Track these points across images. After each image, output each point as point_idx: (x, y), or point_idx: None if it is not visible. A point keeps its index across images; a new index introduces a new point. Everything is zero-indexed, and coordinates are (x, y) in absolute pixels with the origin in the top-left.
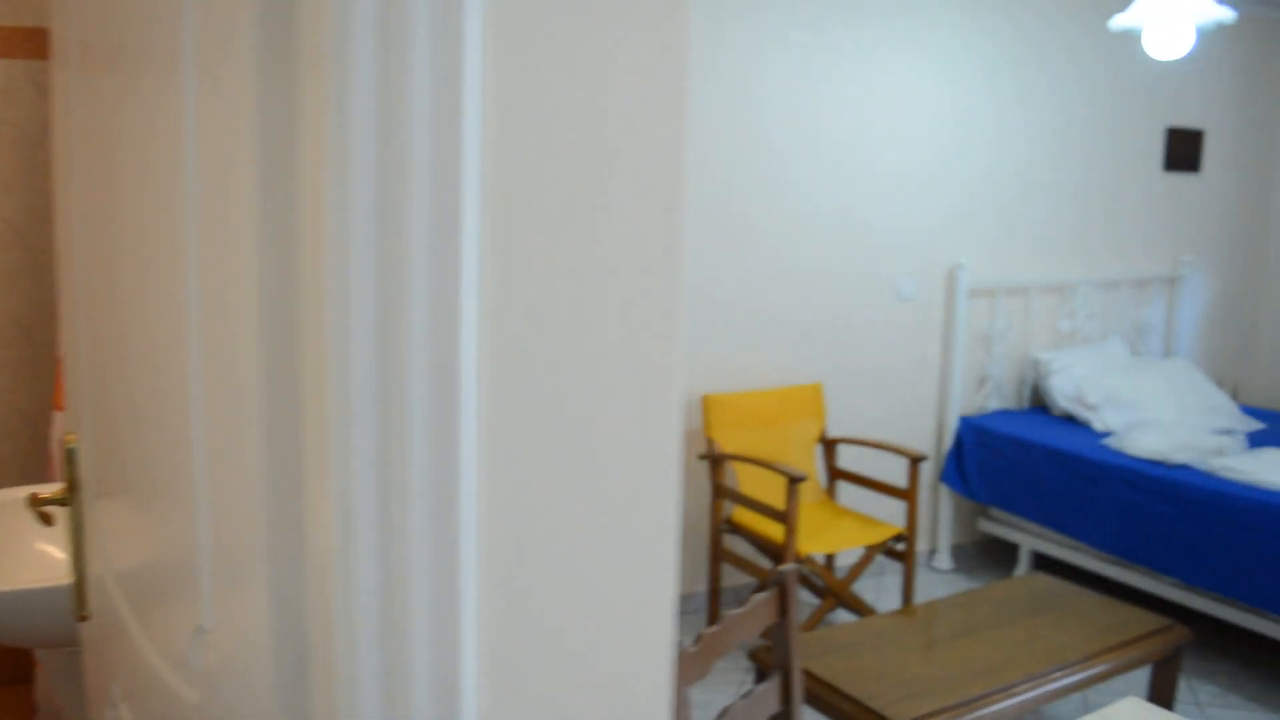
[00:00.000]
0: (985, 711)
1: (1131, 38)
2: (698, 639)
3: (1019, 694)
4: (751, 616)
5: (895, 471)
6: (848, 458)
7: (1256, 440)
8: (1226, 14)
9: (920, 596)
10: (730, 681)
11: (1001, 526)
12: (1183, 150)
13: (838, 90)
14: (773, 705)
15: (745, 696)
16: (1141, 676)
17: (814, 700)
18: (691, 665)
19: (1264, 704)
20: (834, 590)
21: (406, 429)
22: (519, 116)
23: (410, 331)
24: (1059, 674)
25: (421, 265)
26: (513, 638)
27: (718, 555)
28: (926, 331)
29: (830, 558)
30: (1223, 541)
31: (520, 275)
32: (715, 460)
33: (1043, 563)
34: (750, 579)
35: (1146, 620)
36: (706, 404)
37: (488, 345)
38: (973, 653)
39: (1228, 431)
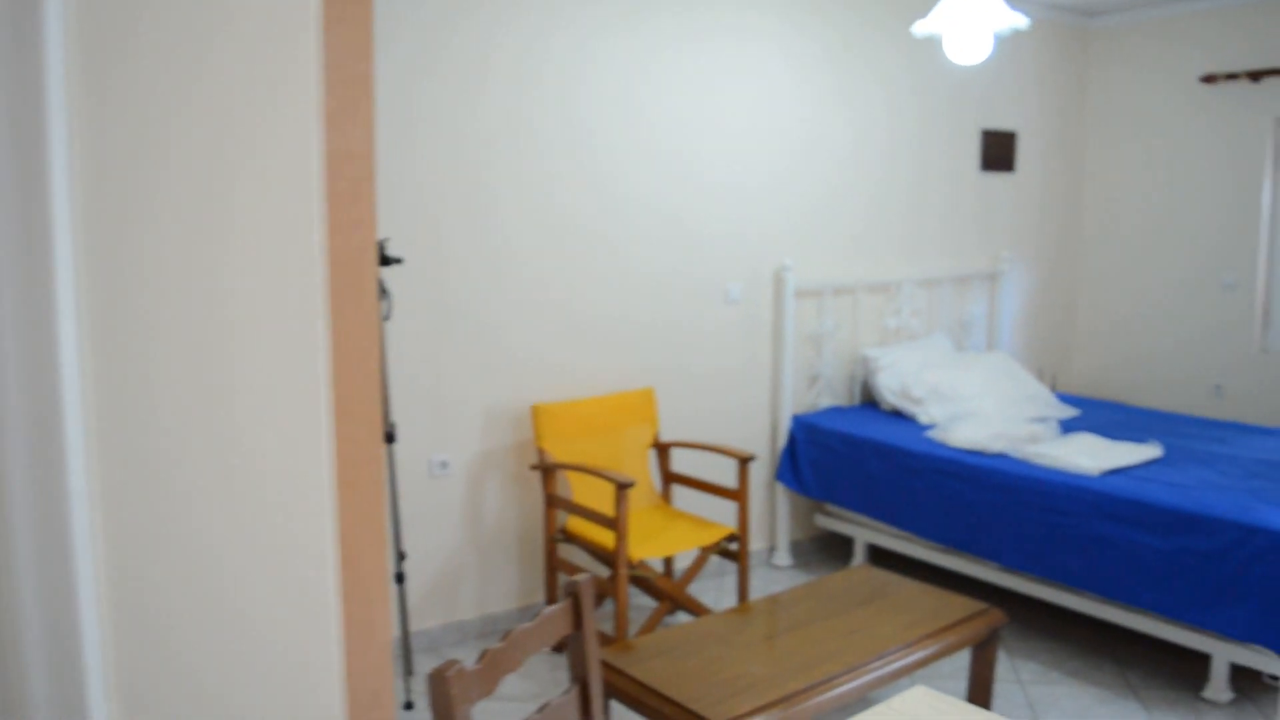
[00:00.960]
0: (804, 705)
1: (938, 43)
2: (481, 656)
3: (838, 686)
4: (541, 630)
5: (731, 473)
6: (684, 461)
7: (1070, 426)
8: (1022, 21)
9: (759, 594)
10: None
11: (837, 521)
12: (998, 151)
13: (664, 93)
14: (572, 717)
15: (541, 710)
16: (967, 659)
17: (638, 705)
18: (474, 684)
19: (1083, 678)
20: (669, 593)
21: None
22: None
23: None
24: (877, 664)
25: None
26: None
27: (553, 566)
28: (757, 333)
29: (669, 561)
30: (1037, 525)
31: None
32: (547, 470)
33: (877, 554)
34: None
35: (964, 606)
36: (536, 414)
37: (92, 352)
38: (798, 647)
39: (1042, 419)
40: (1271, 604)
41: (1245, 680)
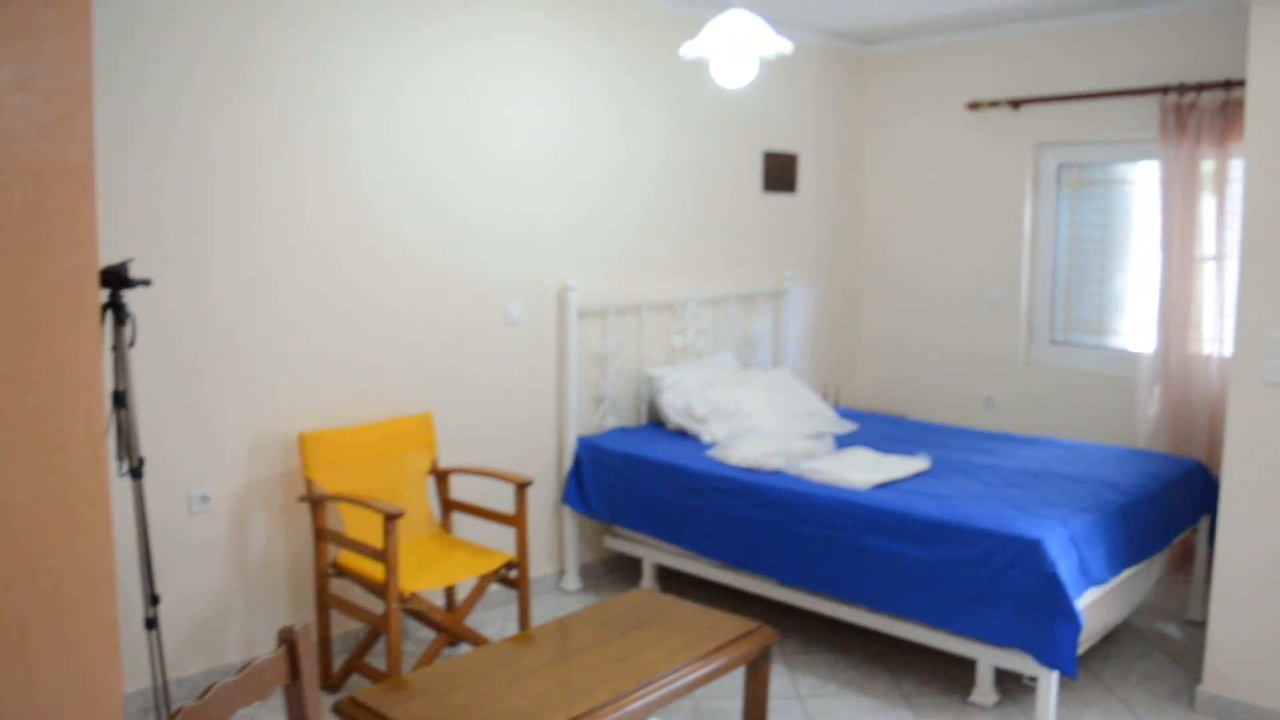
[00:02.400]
0: None
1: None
2: (175, 713)
3: (604, 715)
4: (249, 684)
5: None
6: (467, 487)
7: (848, 441)
8: (786, 46)
9: (546, 620)
10: None
11: (625, 542)
12: (780, 172)
13: (442, 114)
14: None
15: None
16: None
17: None
18: None
19: (858, 689)
20: (446, 626)
21: None
22: None
23: None
24: (646, 689)
25: None
26: None
27: (325, 602)
28: (540, 355)
29: (451, 591)
30: (810, 540)
31: None
32: (316, 502)
33: (666, 574)
34: (363, 624)
35: (736, 625)
36: (304, 443)
37: None
38: (568, 677)
39: (820, 435)
40: (1025, 609)
41: (1009, 683)
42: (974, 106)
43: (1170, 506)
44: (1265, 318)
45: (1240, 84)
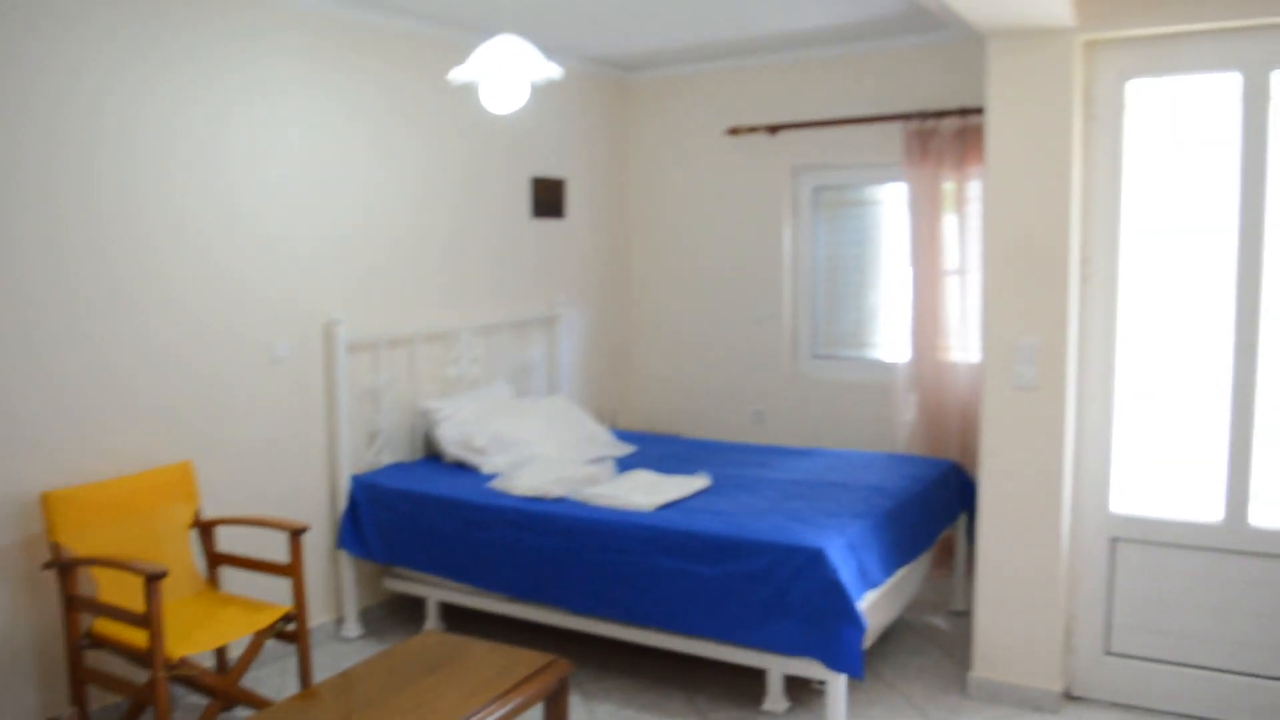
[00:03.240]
0: None
1: (475, 91)
2: None
3: None
4: None
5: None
6: (235, 539)
7: (628, 463)
8: (556, 71)
9: (328, 672)
10: None
11: (406, 583)
12: (548, 198)
13: (194, 142)
14: None
15: None
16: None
17: None
18: None
19: (655, 710)
20: (219, 689)
21: None
22: None
23: None
24: None
25: None
26: None
27: (80, 677)
28: (308, 392)
29: (222, 652)
30: (599, 566)
31: None
32: (64, 567)
33: (452, 613)
34: (125, 697)
35: (531, 660)
36: (48, 502)
37: None
38: None
39: (601, 459)
40: (811, 617)
41: (798, 688)
42: (734, 132)
43: (933, 506)
44: (1010, 327)
45: (975, 111)
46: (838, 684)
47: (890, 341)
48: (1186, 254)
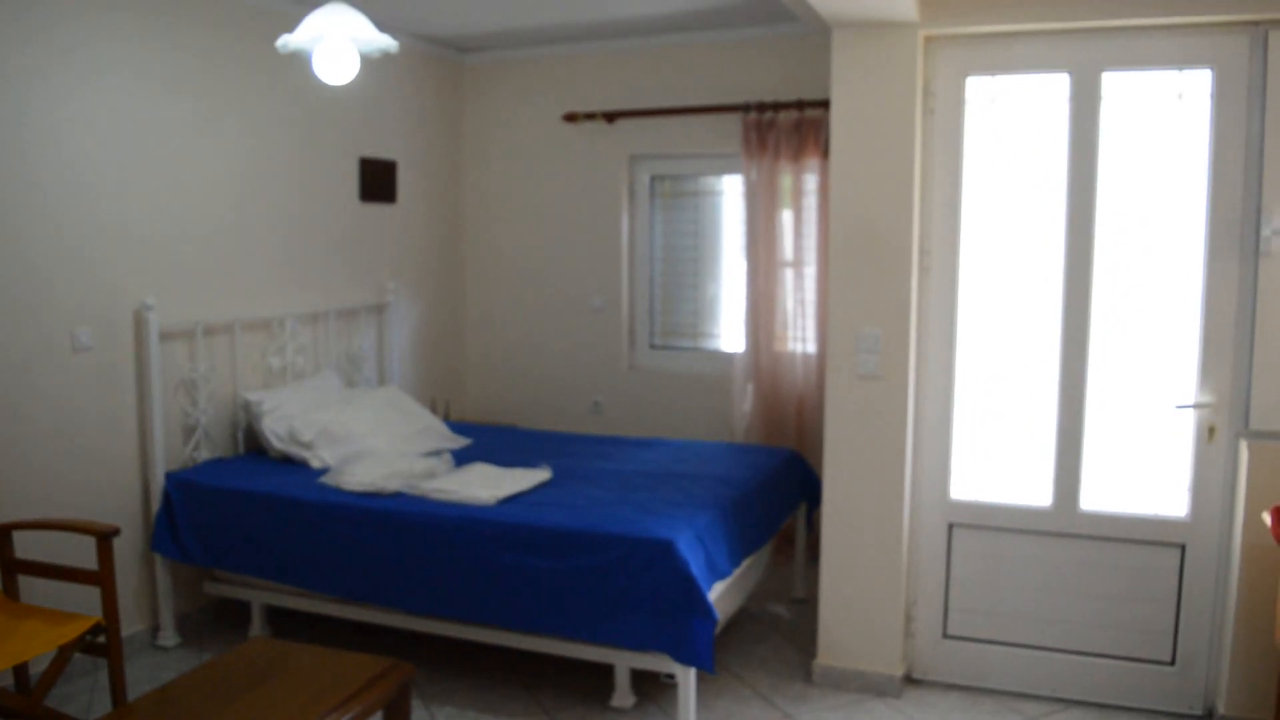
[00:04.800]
0: None
1: (309, 66)
2: None
3: None
4: None
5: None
6: (35, 545)
7: (465, 456)
8: (391, 43)
9: (146, 686)
10: None
11: (229, 586)
12: (378, 180)
13: None
14: None
15: None
16: None
17: None
18: None
19: (497, 710)
20: (21, 710)
21: None
22: None
23: None
24: None
25: None
26: None
27: None
28: (117, 384)
29: (22, 670)
30: (439, 563)
31: None
32: None
33: (280, 617)
34: None
35: (369, 665)
36: None
37: None
38: None
39: (437, 452)
40: (661, 611)
41: (646, 682)
42: (571, 118)
43: (776, 495)
44: (853, 316)
45: (813, 104)
46: (688, 677)
47: (728, 332)
48: (1023, 247)
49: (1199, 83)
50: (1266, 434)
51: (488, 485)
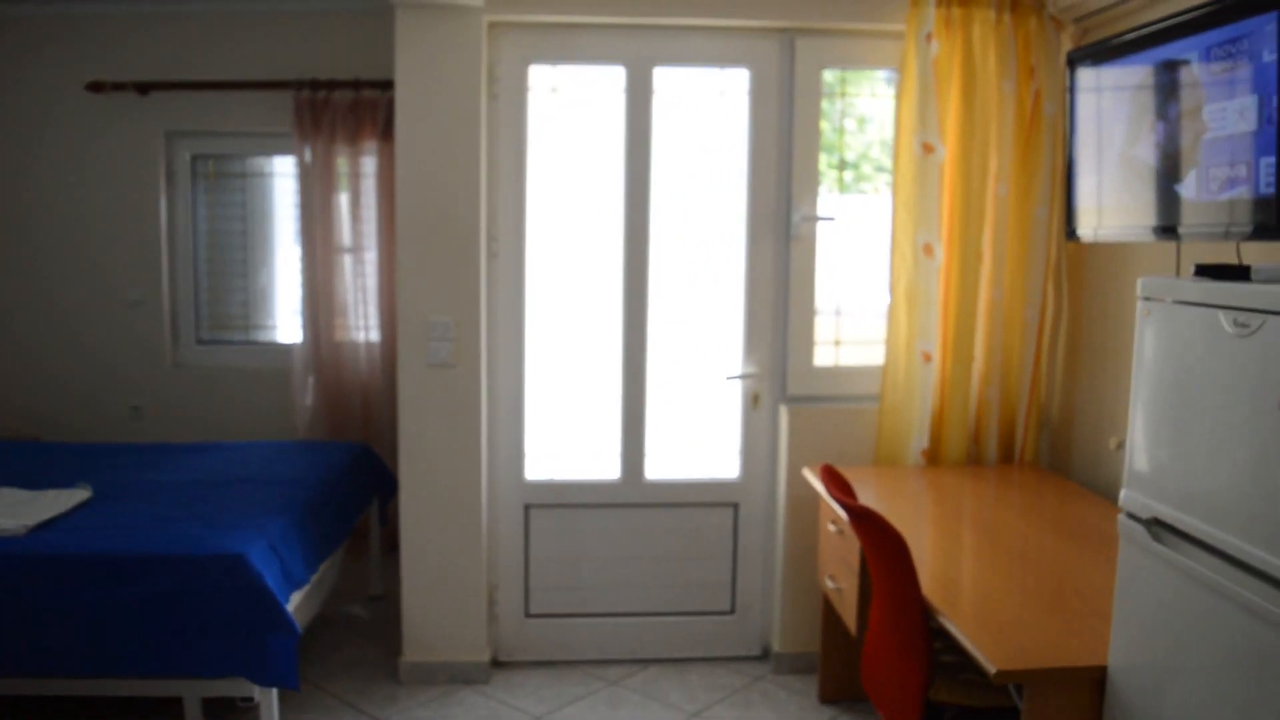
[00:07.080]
0: None
1: None
2: None
3: None
4: None
5: None
6: None
7: None
8: None
9: None
10: None
11: None
12: None
13: None
14: None
15: None
16: None
17: None
18: None
19: None
20: None
21: None
22: None
23: None
24: None
25: None
26: None
27: None
28: None
29: None
30: None
31: None
32: None
33: None
34: None
35: None
36: None
37: None
38: None
39: None
40: (236, 631)
41: (220, 709)
42: (97, 88)
43: (349, 492)
44: (424, 304)
45: (369, 85)
46: (270, 698)
47: (284, 323)
48: (586, 233)
49: (739, 81)
50: (800, 398)
51: (13, 512)
